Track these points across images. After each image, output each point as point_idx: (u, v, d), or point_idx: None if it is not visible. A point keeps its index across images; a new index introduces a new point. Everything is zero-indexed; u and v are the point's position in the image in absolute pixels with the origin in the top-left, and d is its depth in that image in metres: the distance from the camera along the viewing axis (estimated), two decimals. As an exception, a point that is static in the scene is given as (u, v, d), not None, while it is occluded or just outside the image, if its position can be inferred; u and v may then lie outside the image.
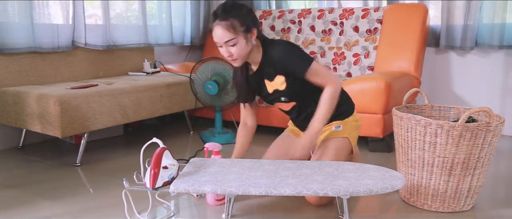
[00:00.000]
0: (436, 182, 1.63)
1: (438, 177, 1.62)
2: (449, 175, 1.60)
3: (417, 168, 1.67)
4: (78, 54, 2.80)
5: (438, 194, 1.64)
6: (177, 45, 3.54)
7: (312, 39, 3.19)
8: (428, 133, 1.58)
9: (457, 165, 1.58)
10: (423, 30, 2.80)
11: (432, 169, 1.62)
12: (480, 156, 1.58)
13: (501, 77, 2.86)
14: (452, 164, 1.58)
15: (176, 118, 3.48)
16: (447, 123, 1.54)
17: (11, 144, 2.63)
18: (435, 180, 1.63)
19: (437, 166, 1.61)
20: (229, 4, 1.61)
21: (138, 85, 2.50)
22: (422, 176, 1.66)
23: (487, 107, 1.54)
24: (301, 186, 1.34)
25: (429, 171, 1.63)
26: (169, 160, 1.54)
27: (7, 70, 2.45)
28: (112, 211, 1.68)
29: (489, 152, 1.60)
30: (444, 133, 1.55)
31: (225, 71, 2.62)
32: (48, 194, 1.87)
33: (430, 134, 1.58)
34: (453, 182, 1.61)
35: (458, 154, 1.56)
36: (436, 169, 1.61)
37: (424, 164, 1.64)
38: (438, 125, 1.55)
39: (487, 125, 1.52)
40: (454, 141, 1.55)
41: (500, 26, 2.71)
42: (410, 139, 1.66)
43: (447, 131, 1.54)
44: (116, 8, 3.07)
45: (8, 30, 2.41)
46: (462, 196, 1.63)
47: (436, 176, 1.62)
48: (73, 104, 2.14)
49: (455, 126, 1.52)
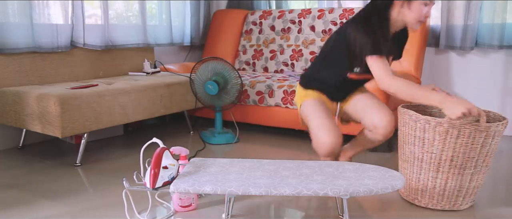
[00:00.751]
0: (425, 178, 1.65)
1: (427, 173, 1.64)
2: (437, 171, 1.62)
3: (409, 162, 1.70)
4: (78, 54, 2.80)
5: (427, 189, 1.66)
6: (177, 45, 3.55)
7: (312, 39, 3.19)
8: (418, 128, 1.61)
9: (445, 162, 1.59)
10: (423, 30, 2.80)
11: (421, 164, 1.65)
12: (471, 156, 1.57)
13: (501, 77, 2.86)
14: (440, 160, 1.59)
15: (176, 118, 3.48)
16: (434, 119, 1.55)
17: (11, 144, 2.64)
18: (424, 175, 1.65)
19: (425, 161, 1.63)
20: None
21: (138, 85, 2.50)
22: (413, 170, 1.69)
23: (498, 113, 1.57)
24: (301, 186, 1.34)
25: (418, 166, 1.66)
26: (169, 160, 1.54)
27: (7, 70, 2.46)
28: (112, 211, 1.68)
29: (484, 153, 1.59)
30: (431, 129, 1.57)
31: (225, 71, 2.62)
32: (48, 194, 1.87)
33: (419, 129, 1.60)
34: (441, 179, 1.62)
35: (445, 151, 1.57)
36: (425, 164, 1.63)
37: (415, 159, 1.67)
38: (426, 120, 1.57)
39: (476, 125, 1.52)
40: (441, 137, 1.56)
41: (500, 26, 2.71)
42: (404, 134, 1.70)
43: (434, 127, 1.56)
44: (116, 8, 3.07)
45: (8, 30, 2.41)
46: (452, 194, 1.64)
47: (425, 172, 1.65)
48: (73, 104, 2.14)
49: (441, 123, 1.54)
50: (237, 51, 3.56)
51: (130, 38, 3.08)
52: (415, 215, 1.64)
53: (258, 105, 2.81)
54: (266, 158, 2.39)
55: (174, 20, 3.48)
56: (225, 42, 3.56)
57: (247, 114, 2.89)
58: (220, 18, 3.67)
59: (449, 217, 1.62)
